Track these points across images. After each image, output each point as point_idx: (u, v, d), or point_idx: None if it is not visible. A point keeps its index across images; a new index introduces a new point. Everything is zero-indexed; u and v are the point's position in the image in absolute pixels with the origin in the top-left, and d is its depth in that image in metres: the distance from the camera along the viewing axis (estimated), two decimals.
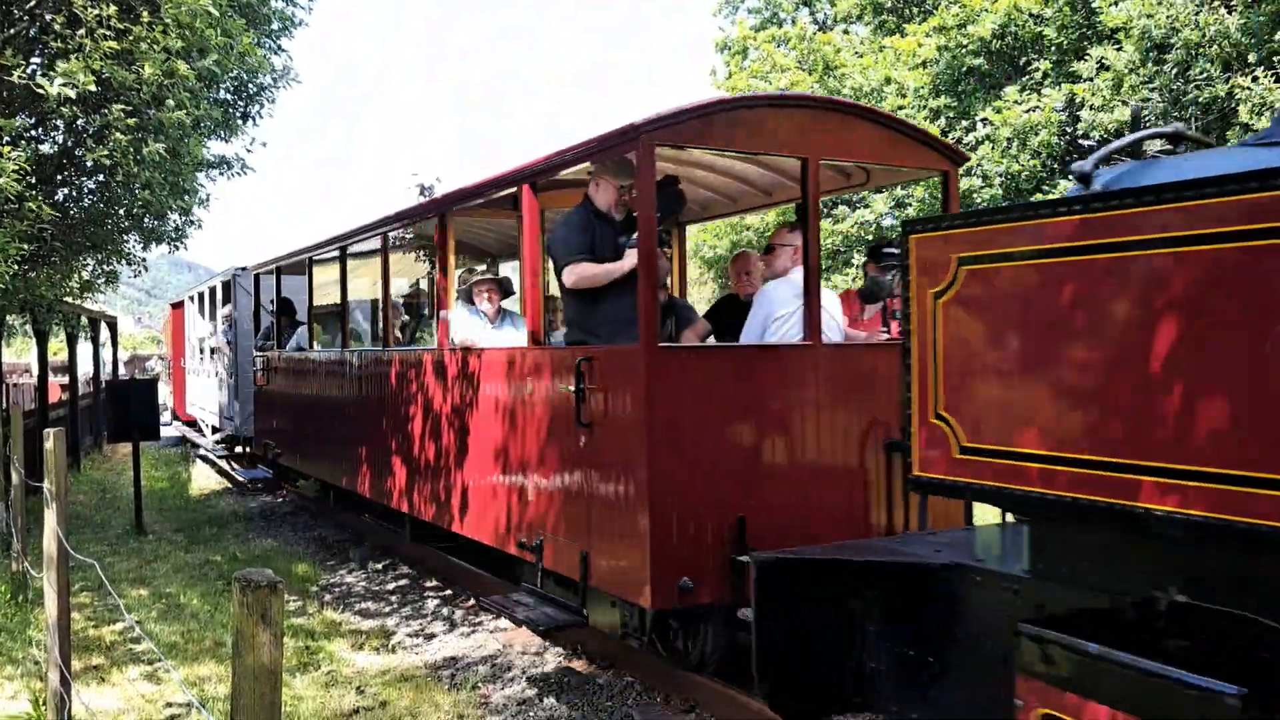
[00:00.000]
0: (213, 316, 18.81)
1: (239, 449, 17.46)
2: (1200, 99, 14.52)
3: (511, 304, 8.62)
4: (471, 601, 8.61)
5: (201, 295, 20.39)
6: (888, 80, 19.55)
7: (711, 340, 7.04)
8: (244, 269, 15.43)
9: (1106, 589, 3.07)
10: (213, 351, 18.42)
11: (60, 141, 9.31)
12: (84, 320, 18.99)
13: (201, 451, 20.96)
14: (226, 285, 17.10)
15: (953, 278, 3.37)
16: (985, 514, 6.00)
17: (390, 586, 9.38)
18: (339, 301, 10.62)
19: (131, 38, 7.83)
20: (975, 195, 17.68)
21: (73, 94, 7.39)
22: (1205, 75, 14.38)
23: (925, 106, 18.64)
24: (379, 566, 10.14)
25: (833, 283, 18.76)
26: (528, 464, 6.77)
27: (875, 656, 3.87)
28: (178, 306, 25.34)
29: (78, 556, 5.69)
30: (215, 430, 18.72)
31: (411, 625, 8.07)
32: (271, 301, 12.94)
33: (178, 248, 10.84)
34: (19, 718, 5.57)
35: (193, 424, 22.93)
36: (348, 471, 10.61)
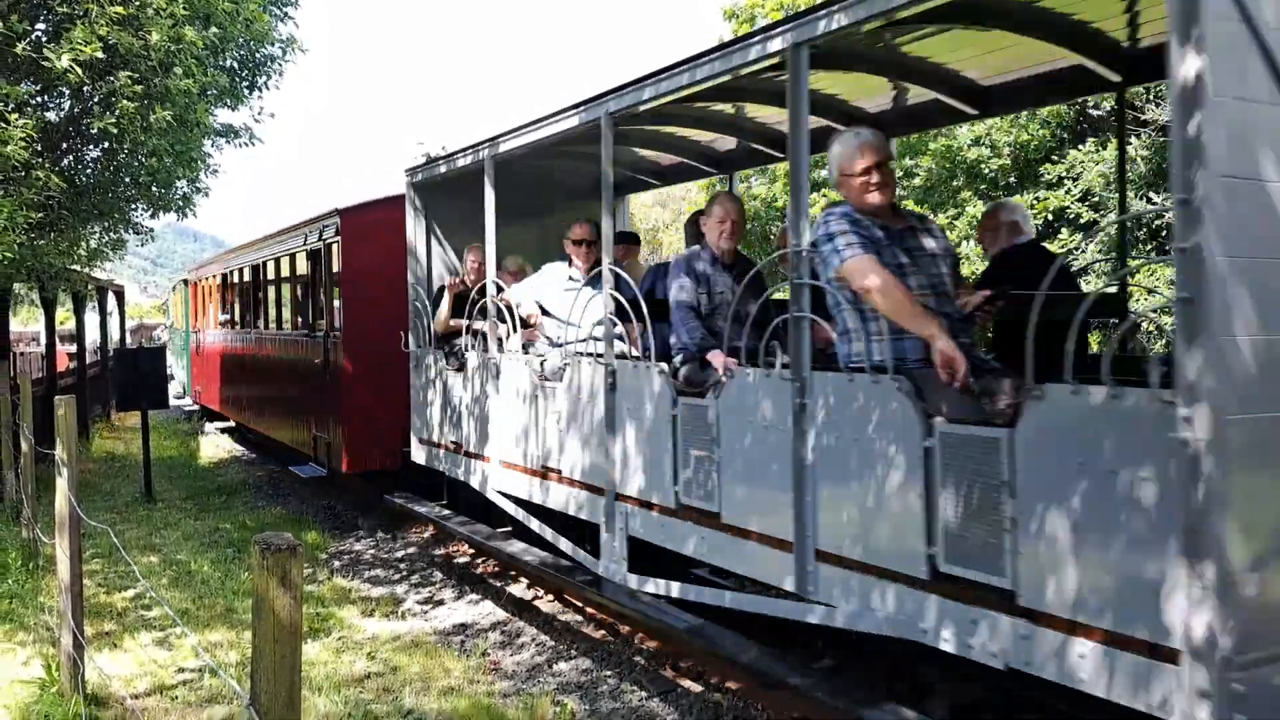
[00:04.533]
0: None
1: None
2: None
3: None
4: (480, 569, 8.65)
5: None
6: None
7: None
8: None
9: None
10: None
11: (67, 109, 9.26)
12: (91, 289, 18.88)
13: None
14: None
15: None
16: None
17: (399, 555, 9.42)
18: None
19: (138, 3, 7.77)
20: (984, 165, 17.60)
21: (79, 67, 7.35)
22: None
23: None
24: (387, 535, 10.18)
25: None
26: None
27: None
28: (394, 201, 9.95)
29: (90, 522, 5.72)
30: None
31: (421, 592, 8.12)
32: None
33: (185, 215, 10.81)
34: (33, 683, 5.61)
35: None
36: None
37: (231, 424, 18.84)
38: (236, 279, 16.85)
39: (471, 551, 9.02)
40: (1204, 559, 2.90)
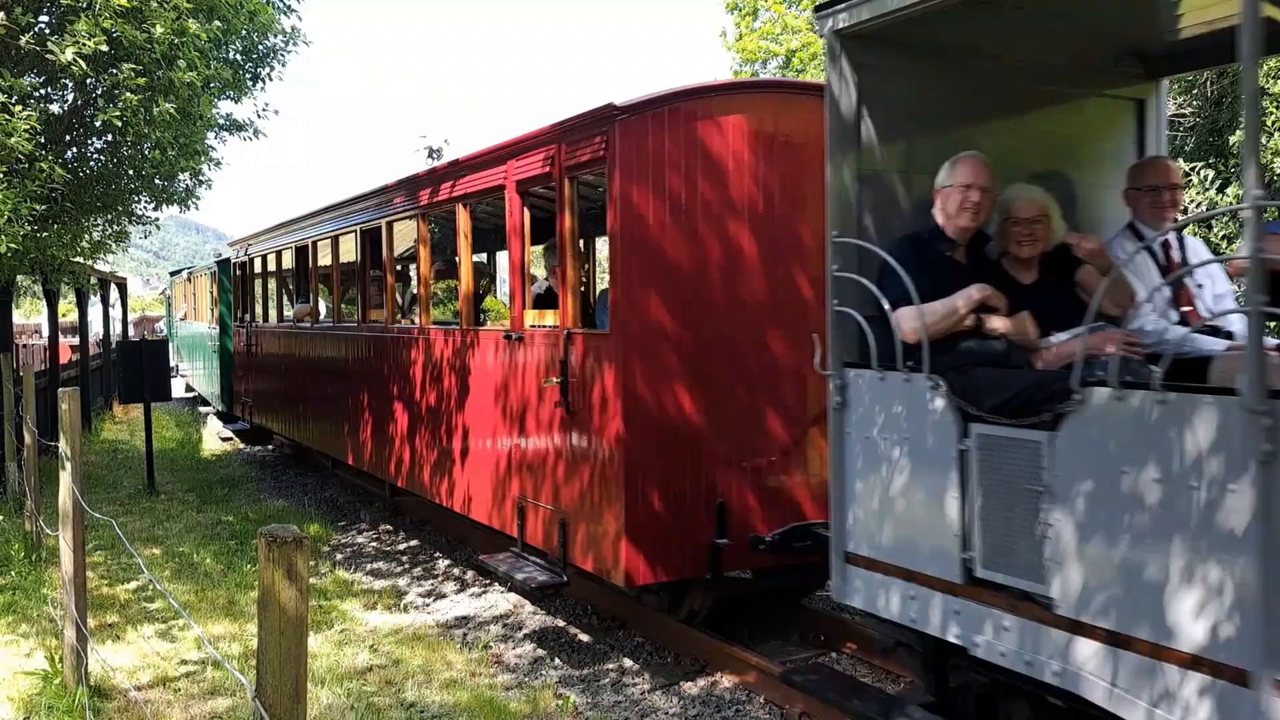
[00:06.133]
0: None
1: None
2: None
3: None
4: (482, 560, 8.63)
5: None
6: None
7: None
8: None
9: None
10: None
11: (71, 101, 9.26)
12: (94, 281, 18.85)
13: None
14: None
15: None
16: None
17: (401, 547, 9.43)
18: None
19: None
20: None
21: (83, 60, 7.34)
22: None
23: None
24: (389, 528, 10.19)
25: None
26: None
27: None
28: None
29: (93, 514, 5.73)
30: None
31: (423, 585, 8.13)
32: None
33: (189, 208, 10.80)
34: (37, 674, 5.62)
35: None
36: None
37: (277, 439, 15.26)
38: (329, 254, 11.24)
39: None
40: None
